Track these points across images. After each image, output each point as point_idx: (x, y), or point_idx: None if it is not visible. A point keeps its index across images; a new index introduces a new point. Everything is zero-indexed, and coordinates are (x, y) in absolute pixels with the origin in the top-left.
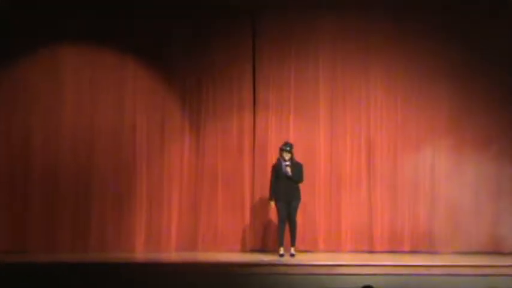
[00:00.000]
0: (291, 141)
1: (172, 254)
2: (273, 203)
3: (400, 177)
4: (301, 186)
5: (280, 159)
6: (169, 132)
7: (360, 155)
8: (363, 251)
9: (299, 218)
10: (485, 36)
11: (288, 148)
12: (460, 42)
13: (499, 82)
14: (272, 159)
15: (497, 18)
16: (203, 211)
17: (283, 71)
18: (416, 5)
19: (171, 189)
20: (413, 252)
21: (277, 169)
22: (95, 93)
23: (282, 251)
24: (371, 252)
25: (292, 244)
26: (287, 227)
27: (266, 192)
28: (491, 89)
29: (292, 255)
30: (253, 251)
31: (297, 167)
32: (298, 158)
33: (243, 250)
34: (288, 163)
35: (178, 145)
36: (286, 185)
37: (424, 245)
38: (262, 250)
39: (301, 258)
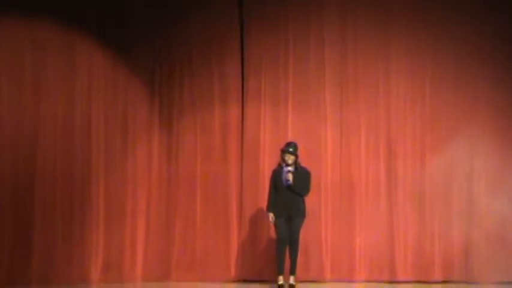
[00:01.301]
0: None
1: (138, 285)
2: (272, 216)
3: (428, 186)
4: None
5: (282, 163)
6: (134, 131)
7: (377, 159)
8: (381, 281)
9: (303, 239)
10: None
11: (291, 149)
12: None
13: None
14: (265, 162)
15: None
16: (178, 229)
17: (279, 52)
18: None
19: (137, 201)
20: (445, 282)
21: (276, 176)
22: (39, 82)
23: (280, 280)
24: (392, 282)
25: (292, 272)
26: (287, 251)
27: (257, 204)
28: None
29: (291, 286)
30: (242, 281)
31: (302, 174)
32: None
33: (229, 280)
34: (290, 169)
35: (146, 146)
36: (286, 197)
37: (460, 273)
38: (254, 280)
39: None
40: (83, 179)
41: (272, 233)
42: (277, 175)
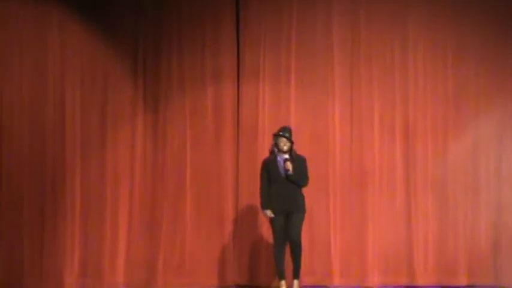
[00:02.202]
0: (292, 125)
1: None
2: (270, 213)
3: (452, 175)
4: (306, 191)
5: (275, 150)
6: (114, 115)
7: (393, 145)
8: (398, 286)
9: (305, 239)
10: None
11: (286, 135)
12: None
13: None
14: (264, 150)
15: None
16: (164, 229)
17: (280, 22)
18: None
19: (118, 197)
20: (471, 287)
21: (269, 166)
22: (3, 59)
23: (283, 286)
24: (410, 287)
25: (295, 276)
26: (287, 252)
27: (256, 199)
28: None
29: None
30: (239, 286)
31: (299, 162)
32: (303, 149)
33: (223, 285)
34: (286, 156)
35: (128, 133)
36: (283, 190)
37: (488, 277)
38: (252, 286)
39: None
40: (55, 172)
41: (271, 232)
42: (269, 165)
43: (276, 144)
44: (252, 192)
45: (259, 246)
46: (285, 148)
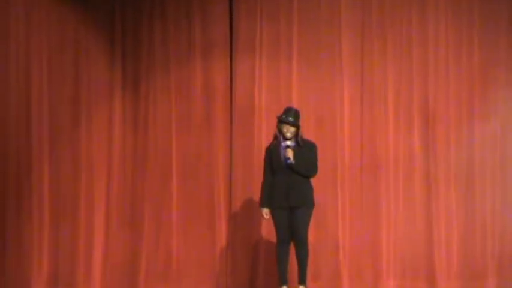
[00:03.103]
0: (295, 106)
1: None
2: (266, 212)
3: (478, 164)
4: (315, 182)
5: (279, 136)
6: (88, 94)
7: (411, 129)
8: None
9: (311, 238)
10: None
11: (290, 118)
12: None
13: None
14: (261, 135)
15: None
16: (147, 227)
17: None
18: None
19: (93, 191)
20: None
21: (271, 154)
22: None
23: None
24: None
25: (301, 281)
26: (291, 252)
27: (251, 191)
28: None
29: None
30: None
31: (307, 149)
32: (306, 135)
33: None
34: (290, 143)
35: (104, 115)
36: (287, 182)
37: None
38: None
39: None
40: (19, 162)
41: (272, 229)
42: (272, 152)
43: (279, 129)
44: (247, 184)
45: (257, 247)
46: (288, 134)
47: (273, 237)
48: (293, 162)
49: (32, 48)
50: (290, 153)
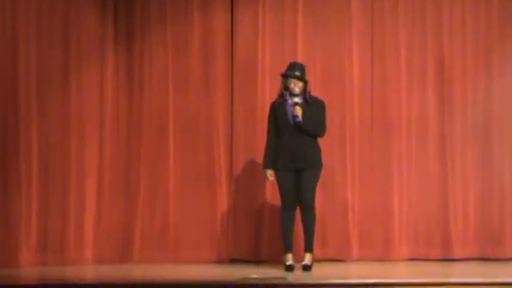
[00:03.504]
0: (301, 61)
1: (88, 269)
2: (271, 173)
3: (496, 127)
4: (322, 143)
5: (285, 93)
6: (78, 50)
7: (424, 87)
8: (432, 259)
9: (318, 203)
10: None
11: (297, 73)
12: None
13: None
14: (265, 93)
15: None
16: (142, 193)
17: None
18: None
19: (84, 154)
20: None
21: (277, 112)
22: None
23: (289, 260)
24: (447, 260)
25: (308, 249)
26: (297, 218)
27: (253, 154)
28: None
29: (306, 267)
30: (235, 260)
31: (315, 107)
32: (313, 93)
33: (218, 260)
34: (298, 100)
35: (96, 73)
36: (293, 141)
37: None
38: (252, 260)
39: (323, 273)
40: (6, 124)
41: (276, 192)
42: (278, 110)
43: (285, 86)
44: (249, 145)
45: (260, 213)
46: (297, 90)
47: (278, 202)
48: (301, 120)
49: (19, 1)
50: (299, 111)
